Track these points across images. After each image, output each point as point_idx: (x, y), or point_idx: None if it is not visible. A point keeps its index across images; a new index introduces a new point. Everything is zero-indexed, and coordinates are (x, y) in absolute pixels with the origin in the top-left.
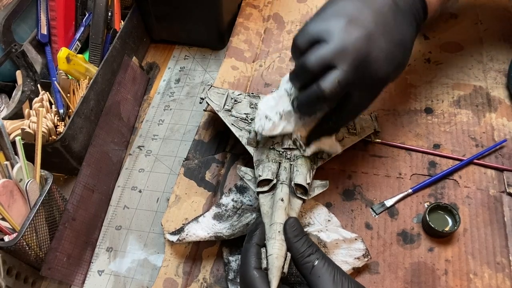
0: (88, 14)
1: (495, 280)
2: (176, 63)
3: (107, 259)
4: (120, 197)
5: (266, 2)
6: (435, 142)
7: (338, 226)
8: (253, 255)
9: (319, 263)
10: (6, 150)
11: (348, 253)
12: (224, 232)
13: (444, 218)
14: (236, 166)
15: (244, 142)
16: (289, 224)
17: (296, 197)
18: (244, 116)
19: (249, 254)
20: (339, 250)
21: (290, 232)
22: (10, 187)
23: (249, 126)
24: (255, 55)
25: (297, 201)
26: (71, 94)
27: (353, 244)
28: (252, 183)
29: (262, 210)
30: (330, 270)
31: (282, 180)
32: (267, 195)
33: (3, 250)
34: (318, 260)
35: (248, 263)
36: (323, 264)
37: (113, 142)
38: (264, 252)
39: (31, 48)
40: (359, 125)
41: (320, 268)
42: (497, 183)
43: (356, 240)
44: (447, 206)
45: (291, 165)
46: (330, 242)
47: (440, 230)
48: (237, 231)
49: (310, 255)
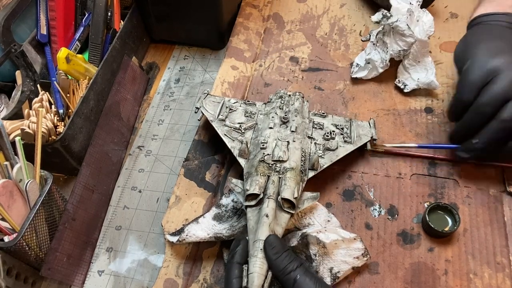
0: (88, 14)
1: (495, 280)
2: (176, 63)
3: (107, 259)
4: (120, 197)
5: (266, 2)
6: (435, 142)
7: (337, 226)
8: (234, 276)
9: (300, 278)
10: (6, 150)
11: (347, 253)
12: (224, 232)
13: (444, 218)
14: (236, 167)
15: (235, 154)
16: (268, 242)
17: (283, 211)
18: (238, 126)
19: (231, 275)
20: (338, 250)
21: (269, 250)
22: (10, 187)
23: (242, 137)
24: (255, 55)
25: (284, 215)
26: (71, 94)
27: (352, 244)
28: (241, 196)
29: (248, 225)
30: (312, 284)
31: (269, 195)
32: (255, 209)
33: (3, 250)
34: (299, 275)
35: (229, 284)
36: (304, 278)
37: (113, 142)
38: (245, 269)
39: (31, 48)
40: (355, 133)
41: (302, 282)
42: (497, 183)
43: (355, 240)
44: (447, 206)
45: (279, 178)
46: (329, 243)
47: (439, 230)
48: (237, 232)
49: (290, 272)
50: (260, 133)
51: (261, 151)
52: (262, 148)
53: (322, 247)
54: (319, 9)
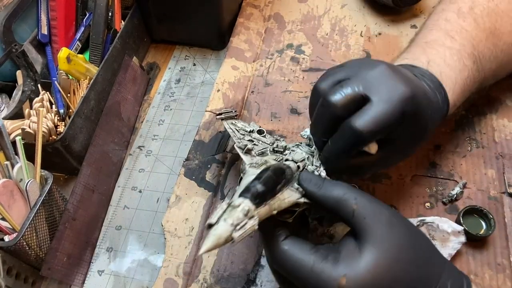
0: (89, 14)
1: (496, 281)
2: (177, 63)
3: (107, 259)
4: (120, 197)
5: (266, 2)
6: (435, 143)
7: None
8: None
9: (360, 205)
10: (6, 150)
11: (451, 245)
12: None
13: (478, 221)
14: (236, 167)
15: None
16: (302, 178)
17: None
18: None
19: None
20: (450, 239)
21: (309, 184)
22: (10, 187)
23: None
24: (255, 55)
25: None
26: (72, 94)
27: (458, 237)
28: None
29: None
30: (382, 208)
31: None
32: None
33: (3, 250)
34: (357, 200)
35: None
36: (364, 203)
37: (113, 142)
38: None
39: (32, 48)
40: None
41: (362, 208)
42: (497, 184)
43: (461, 233)
44: (483, 210)
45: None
46: (449, 232)
47: (474, 233)
48: None
49: (346, 200)
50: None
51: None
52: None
53: (432, 239)
54: (320, 9)
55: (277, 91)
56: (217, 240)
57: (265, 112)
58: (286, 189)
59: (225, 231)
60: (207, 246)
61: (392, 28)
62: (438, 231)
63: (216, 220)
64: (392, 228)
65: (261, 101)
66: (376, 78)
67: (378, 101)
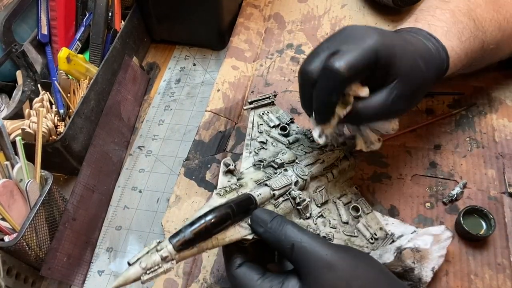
0: (89, 14)
1: (496, 281)
2: (177, 63)
3: (107, 259)
4: (120, 197)
5: (266, 2)
6: (435, 143)
7: (398, 224)
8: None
9: (302, 243)
10: (6, 150)
11: (440, 246)
12: None
13: (478, 221)
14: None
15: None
16: (253, 218)
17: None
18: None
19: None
20: (433, 248)
21: (256, 226)
22: (10, 187)
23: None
24: (255, 55)
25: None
26: (72, 94)
27: (442, 236)
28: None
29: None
30: (317, 245)
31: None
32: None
33: (3, 250)
34: (302, 241)
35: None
36: (305, 241)
37: (113, 142)
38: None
39: (32, 48)
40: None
41: (304, 246)
42: (497, 184)
43: (442, 232)
44: (483, 210)
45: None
46: (430, 248)
47: (474, 234)
48: None
49: (285, 240)
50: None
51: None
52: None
53: (416, 252)
54: (320, 9)
55: (277, 91)
56: (124, 281)
57: None
58: (235, 226)
59: (134, 274)
60: (116, 283)
61: (392, 28)
62: (422, 251)
63: (134, 261)
64: (329, 272)
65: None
66: (347, 36)
67: (349, 48)
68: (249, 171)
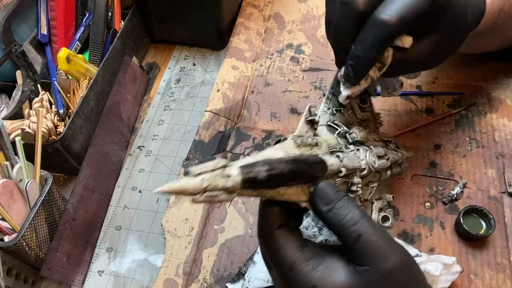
0: (88, 14)
1: (496, 281)
2: (176, 63)
3: (107, 259)
4: (120, 197)
5: (266, 1)
6: (435, 143)
7: (403, 244)
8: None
9: (366, 233)
10: (6, 150)
11: (447, 278)
12: None
13: (478, 221)
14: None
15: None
16: (317, 193)
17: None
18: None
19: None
20: (441, 277)
21: (319, 201)
22: (10, 187)
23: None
24: (255, 55)
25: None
26: (71, 94)
27: (451, 269)
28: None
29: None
30: (382, 240)
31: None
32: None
33: (3, 250)
34: (364, 229)
35: None
36: (370, 233)
37: (113, 142)
38: None
39: (31, 48)
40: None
41: (368, 238)
42: (497, 184)
43: (453, 264)
44: (483, 210)
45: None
46: (439, 275)
47: (474, 233)
48: None
49: (352, 225)
50: None
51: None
52: None
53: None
54: (319, 9)
55: (277, 91)
56: (180, 190)
57: (265, 112)
58: (298, 186)
59: (193, 188)
60: (167, 188)
61: None
62: (428, 275)
63: (197, 174)
64: (390, 278)
65: (261, 101)
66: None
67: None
68: (323, 130)
